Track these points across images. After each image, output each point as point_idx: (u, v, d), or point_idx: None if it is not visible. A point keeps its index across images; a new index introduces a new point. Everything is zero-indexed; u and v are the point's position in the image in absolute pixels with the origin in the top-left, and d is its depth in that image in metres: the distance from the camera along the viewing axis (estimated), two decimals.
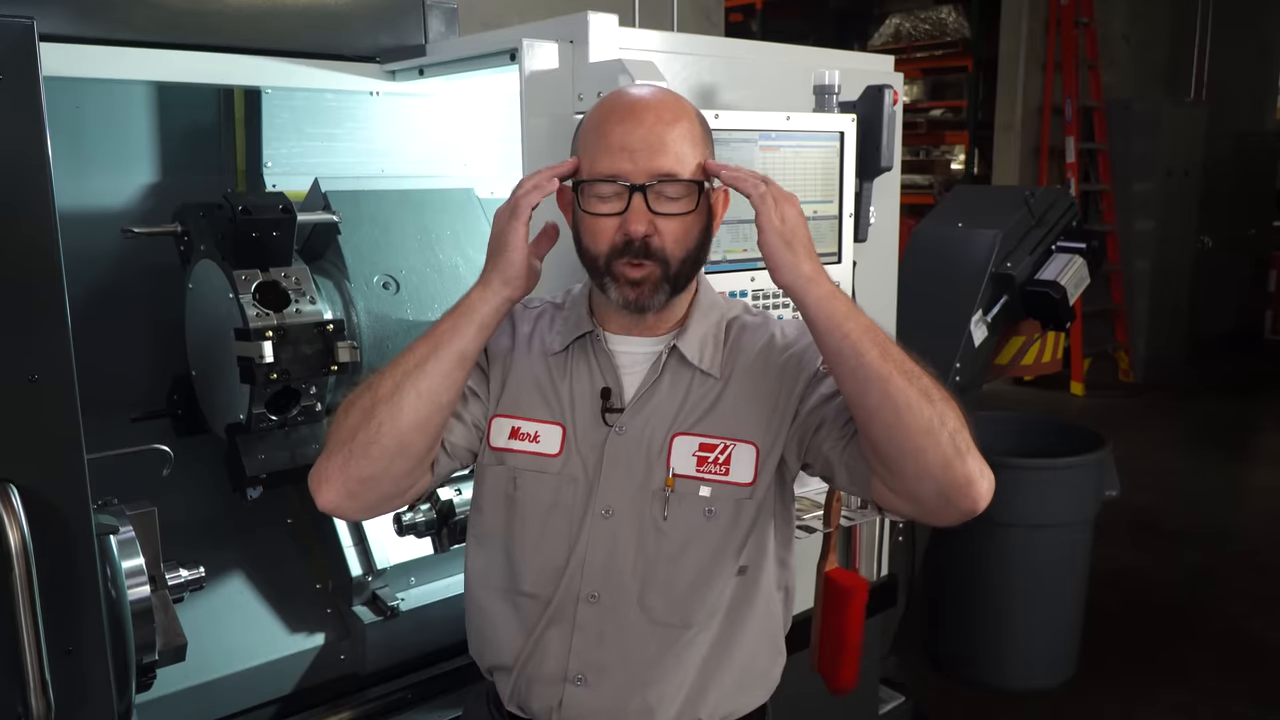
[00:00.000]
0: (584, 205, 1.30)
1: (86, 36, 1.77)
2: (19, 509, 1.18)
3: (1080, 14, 7.25)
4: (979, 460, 1.19)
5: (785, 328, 1.40)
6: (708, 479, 1.32)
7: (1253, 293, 8.76)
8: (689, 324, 1.37)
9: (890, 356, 1.19)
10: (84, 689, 1.30)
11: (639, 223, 1.25)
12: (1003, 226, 2.88)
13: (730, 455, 1.32)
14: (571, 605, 1.34)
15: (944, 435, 1.17)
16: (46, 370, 1.22)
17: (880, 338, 1.21)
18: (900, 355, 1.21)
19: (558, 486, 1.35)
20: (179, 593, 1.66)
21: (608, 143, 1.27)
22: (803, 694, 2.01)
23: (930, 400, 1.18)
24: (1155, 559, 4.48)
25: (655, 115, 1.27)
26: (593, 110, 1.34)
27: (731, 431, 1.33)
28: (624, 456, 1.33)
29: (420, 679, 2.10)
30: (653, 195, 1.26)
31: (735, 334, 1.39)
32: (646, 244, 1.27)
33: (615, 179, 1.26)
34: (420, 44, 2.16)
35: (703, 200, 1.30)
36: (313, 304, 1.99)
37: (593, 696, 1.34)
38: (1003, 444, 3.54)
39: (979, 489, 1.18)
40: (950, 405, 1.20)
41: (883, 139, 1.93)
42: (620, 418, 1.34)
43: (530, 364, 1.40)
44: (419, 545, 2.07)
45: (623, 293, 1.29)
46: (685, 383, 1.36)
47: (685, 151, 1.27)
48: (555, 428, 1.36)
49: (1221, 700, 3.35)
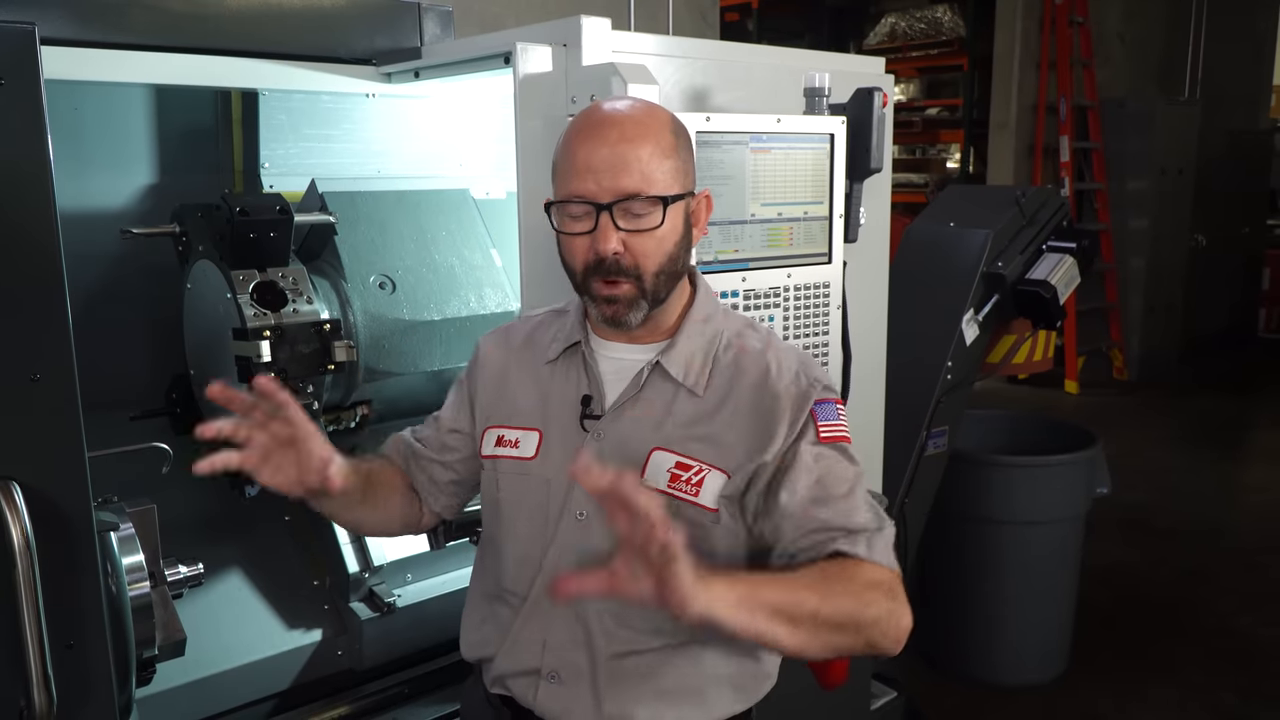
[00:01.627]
0: (557, 225, 1.32)
1: (86, 40, 1.78)
2: (21, 506, 1.19)
3: (1075, 13, 7.27)
4: (892, 624, 1.22)
5: (784, 360, 1.35)
6: (676, 496, 1.30)
7: (1246, 291, 8.78)
8: (678, 338, 1.36)
9: (801, 620, 1.15)
10: (85, 683, 1.32)
11: (607, 241, 1.26)
12: (994, 226, 2.90)
13: (704, 479, 1.30)
14: (546, 604, 1.36)
15: (860, 644, 1.21)
16: (48, 370, 1.24)
17: (791, 605, 1.15)
18: (814, 602, 1.16)
19: (534, 489, 1.38)
20: (178, 589, 1.68)
21: (573, 163, 1.28)
22: (794, 689, 2.03)
23: (843, 629, 1.19)
24: (1147, 556, 4.51)
25: (619, 133, 1.27)
26: (566, 128, 1.35)
27: (709, 457, 1.31)
28: (599, 463, 1.35)
29: (417, 674, 2.12)
30: (619, 213, 1.26)
31: (734, 354, 1.36)
32: (617, 261, 1.27)
33: (582, 199, 1.27)
34: (416, 47, 2.17)
35: (671, 214, 1.29)
36: (310, 304, 2.01)
37: (565, 695, 1.36)
38: (994, 442, 3.56)
39: (889, 651, 1.24)
40: (871, 596, 1.21)
41: (872, 141, 1.95)
42: (598, 425, 1.36)
43: (522, 374, 1.44)
44: (416, 542, 2.09)
45: (600, 310, 1.32)
46: (669, 397, 1.34)
47: (651, 168, 1.27)
48: (533, 433, 1.39)
49: (1211, 695, 3.38)
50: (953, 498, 3.14)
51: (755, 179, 1.83)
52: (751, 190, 1.83)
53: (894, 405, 2.38)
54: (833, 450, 1.31)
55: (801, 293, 1.94)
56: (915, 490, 2.88)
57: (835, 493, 1.29)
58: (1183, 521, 4.91)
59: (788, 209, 1.89)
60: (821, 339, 1.99)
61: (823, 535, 1.27)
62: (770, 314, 1.90)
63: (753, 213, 1.84)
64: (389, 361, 2.11)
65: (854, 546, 1.25)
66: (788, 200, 1.89)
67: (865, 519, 1.28)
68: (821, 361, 2.00)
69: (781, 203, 1.88)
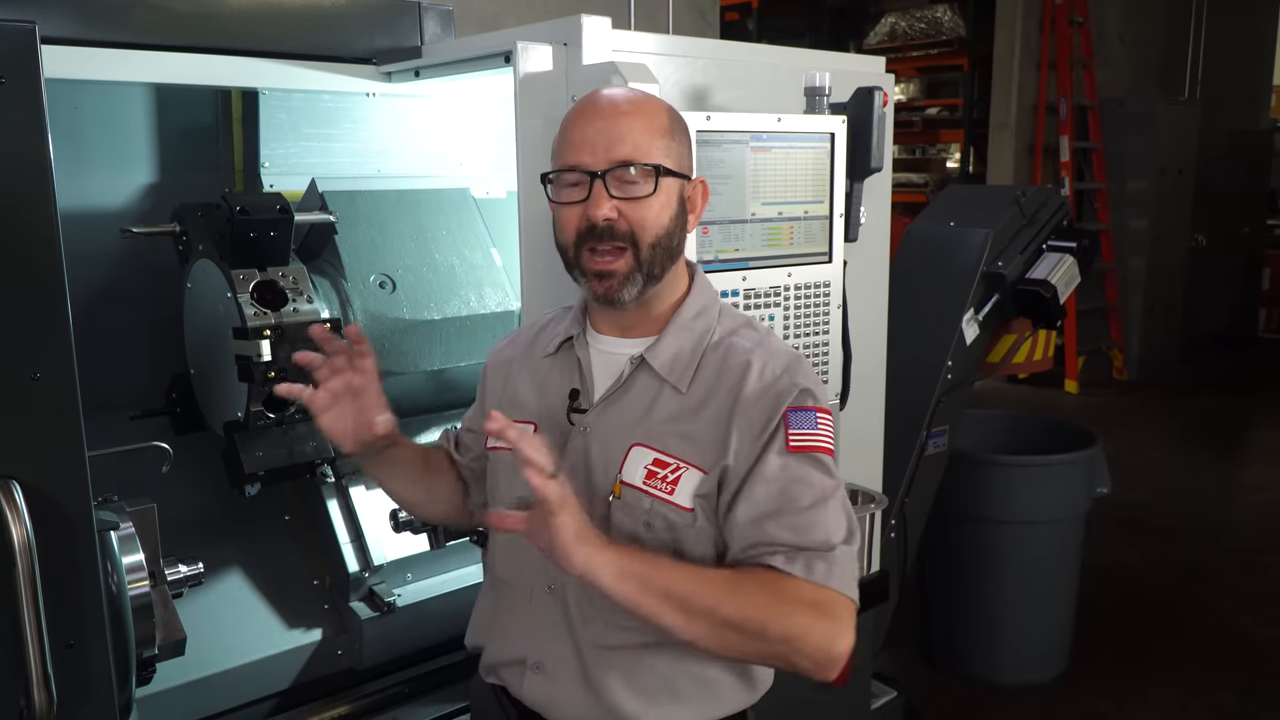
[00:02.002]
0: (552, 196, 1.34)
1: (87, 39, 1.78)
2: (22, 505, 1.19)
3: (1075, 13, 7.27)
4: (813, 644, 1.19)
5: (771, 361, 1.32)
6: (651, 494, 1.30)
7: (1246, 291, 8.79)
8: (665, 334, 1.35)
9: (697, 612, 1.17)
10: (85, 683, 1.32)
11: (599, 206, 1.28)
12: (994, 226, 2.90)
13: (680, 477, 1.29)
14: (530, 594, 1.38)
15: (774, 655, 1.20)
16: (48, 369, 1.24)
17: (689, 594, 1.18)
18: (715, 598, 1.18)
19: (522, 481, 1.36)
20: (178, 588, 1.68)
21: (569, 138, 1.31)
22: (794, 689, 2.03)
23: (746, 633, 1.18)
24: (1147, 555, 4.51)
25: (614, 108, 1.31)
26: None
27: (688, 455, 1.30)
28: (580, 457, 1.35)
29: (417, 674, 2.12)
30: (612, 181, 1.28)
31: (724, 352, 1.34)
32: (612, 228, 1.28)
33: (577, 166, 1.29)
34: (416, 46, 2.17)
35: (665, 186, 1.30)
36: (310, 303, 2.01)
37: (549, 685, 1.36)
38: (995, 441, 3.57)
39: (815, 673, 1.21)
40: (789, 610, 1.19)
41: (873, 140, 1.95)
42: (584, 418, 1.37)
43: (525, 368, 1.47)
44: (415, 541, 2.09)
45: (592, 286, 1.31)
46: (653, 392, 1.34)
47: (643, 141, 1.29)
48: (529, 426, 1.40)
49: (1210, 695, 3.38)
50: (953, 497, 3.14)
51: (756, 178, 1.83)
52: (752, 189, 1.83)
53: (894, 405, 2.38)
54: (802, 461, 1.27)
55: (802, 292, 1.94)
56: (915, 490, 2.88)
57: (797, 505, 1.24)
58: (1183, 521, 4.91)
59: (788, 208, 1.89)
60: (822, 338, 1.99)
61: (763, 549, 1.24)
62: (770, 313, 1.90)
63: (753, 212, 1.84)
64: (389, 361, 2.11)
65: (790, 565, 1.22)
66: (788, 199, 1.89)
67: (822, 537, 1.23)
68: (822, 361, 2.00)
69: (782, 202, 1.88)
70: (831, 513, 1.26)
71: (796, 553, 1.23)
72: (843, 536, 1.25)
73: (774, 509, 1.25)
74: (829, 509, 1.26)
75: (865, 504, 2.11)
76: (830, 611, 1.21)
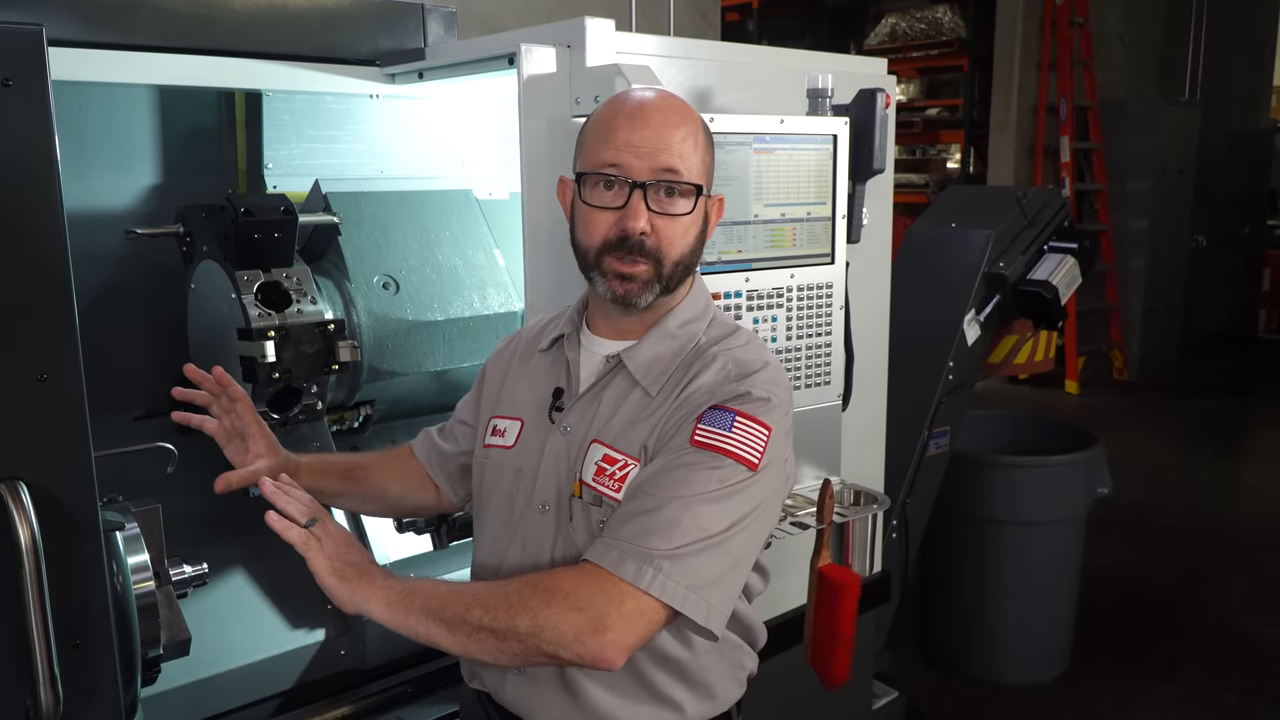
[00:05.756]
0: (584, 196, 1.31)
1: (92, 41, 1.79)
2: (28, 505, 1.19)
3: (1075, 14, 7.28)
4: (549, 633, 1.14)
5: (733, 366, 1.30)
6: (599, 490, 1.29)
7: (1246, 291, 8.80)
8: (647, 338, 1.34)
9: (455, 623, 1.17)
10: (91, 683, 1.32)
11: (637, 219, 1.26)
12: (995, 227, 2.91)
13: (627, 474, 1.27)
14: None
15: (539, 653, 1.15)
16: (55, 370, 1.24)
17: (440, 609, 1.18)
18: (463, 606, 1.17)
19: (507, 477, 1.40)
20: (183, 588, 1.68)
21: (614, 137, 1.28)
22: (796, 689, 2.04)
23: (504, 636, 1.15)
24: (1147, 556, 4.51)
25: (663, 117, 1.29)
26: (600, 108, 1.36)
27: (634, 449, 1.28)
28: (557, 455, 1.35)
29: (420, 674, 2.12)
30: (652, 194, 1.27)
31: (703, 360, 1.32)
32: (642, 242, 1.27)
33: (619, 172, 1.27)
34: (419, 48, 2.18)
35: (700, 204, 1.31)
36: (314, 304, 2.01)
37: (529, 687, 1.37)
38: (995, 442, 3.57)
39: (605, 659, 1.15)
40: (531, 604, 1.15)
41: (875, 141, 1.96)
42: (562, 416, 1.37)
43: (521, 365, 1.48)
44: (418, 542, 2.09)
45: (611, 286, 1.30)
46: (624, 394, 1.33)
47: (688, 153, 1.28)
48: (516, 422, 1.41)
49: (1212, 696, 3.38)
50: (954, 498, 3.15)
51: (759, 179, 1.84)
52: (755, 191, 1.84)
53: (896, 405, 2.38)
54: (696, 455, 1.21)
55: (804, 293, 1.94)
56: (917, 490, 2.89)
57: (658, 495, 1.19)
58: (1183, 521, 4.92)
59: (791, 209, 1.90)
60: (824, 339, 2.00)
61: (600, 544, 1.20)
62: (773, 314, 1.91)
63: (756, 213, 1.85)
64: (392, 362, 2.12)
65: (602, 558, 1.17)
66: (791, 201, 1.89)
67: (664, 545, 1.16)
68: (824, 362, 2.00)
69: (785, 203, 1.88)
70: (695, 515, 1.18)
71: (615, 544, 1.19)
72: (692, 540, 1.17)
73: (637, 500, 1.21)
74: (697, 514, 1.18)
75: (867, 504, 2.11)
76: (586, 602, 1.15)
